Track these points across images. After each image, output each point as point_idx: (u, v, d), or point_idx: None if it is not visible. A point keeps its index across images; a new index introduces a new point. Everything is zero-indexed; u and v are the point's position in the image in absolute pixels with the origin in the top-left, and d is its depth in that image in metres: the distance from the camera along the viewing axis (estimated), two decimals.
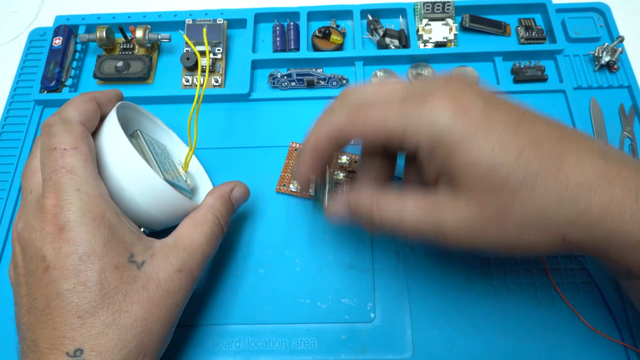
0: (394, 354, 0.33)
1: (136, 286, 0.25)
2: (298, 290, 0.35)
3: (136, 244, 0.27)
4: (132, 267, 0.26)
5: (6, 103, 0.45)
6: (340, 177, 0.38)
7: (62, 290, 0.24)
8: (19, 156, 0.42)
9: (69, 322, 0.24)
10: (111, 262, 0.25)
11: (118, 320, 0.25)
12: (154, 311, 0.26)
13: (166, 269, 0.27)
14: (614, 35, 0.45)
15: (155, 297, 0.26)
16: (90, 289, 0.24)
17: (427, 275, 0.36)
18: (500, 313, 0.34)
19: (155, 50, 0.47)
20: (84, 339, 0.24)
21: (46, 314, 0.24)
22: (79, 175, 0.25)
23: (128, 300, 0.25)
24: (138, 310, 0.25)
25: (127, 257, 0.26)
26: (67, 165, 0.25)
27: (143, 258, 0.26)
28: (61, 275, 0.24)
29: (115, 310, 0.25)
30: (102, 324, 0.24)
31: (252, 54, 0.45)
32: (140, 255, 0.26)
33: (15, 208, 0.40)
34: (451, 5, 0.46)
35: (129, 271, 0.26)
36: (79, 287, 0.24)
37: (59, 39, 0.45)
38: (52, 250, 0.24)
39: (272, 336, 0.34)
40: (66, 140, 0.26)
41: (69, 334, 0.24)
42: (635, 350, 0.32)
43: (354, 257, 0.36)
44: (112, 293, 0.25)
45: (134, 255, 0.26)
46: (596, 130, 0.41)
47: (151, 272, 0.26)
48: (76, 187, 0.25)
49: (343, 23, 0.48)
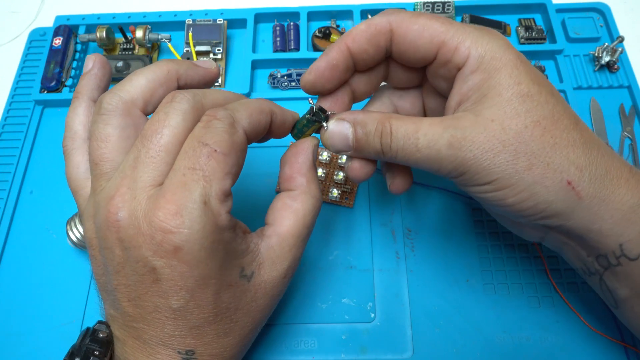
0: (394, 354, 0.33)
1: (246, 299, 0.25)
2: (298, 290, 0.35)
3: (245, 254, 0.25)
4: (243, 282, 0.25)
5: (6, 103, 0.45)
6: (320, 173, 0.38)
7: (174, 306, 0.23)
8: (19, 156, 0.42)
9: (180, 330, 0.23)
10: (225, 282, 0.24)
11: (229, 330, 0.25)
12: (258, 317, 0.26)
13: (273, 276, 0.26)
14: (614, 35, 0.45)
15: (262, 304, 0.26)
16: (204, 308, 0.23)
17: (427, 275, 0.36)
18: (500, 313, 0.34)
19: (155, 50, 0.47)
20: (196, 344, 0.24)
21: (154, 318, 0.23)
22: (212, 185, 0.22)
23: (239, 313, 0.25)
24: (247, 319, 0.26)
25: (239, 273, 0.25)
26: (207, 170, 0.22)
27: (252, 269, 0.25)
28: (174, 293, 0.22)
29: (227, 322, 0.25)
30: (215, 333, 0.24)
31: (252, 54, 0.45)
32: (249, 267, 0.25)
33: (16, 208, 0.40)
34: (451, 5, 0.46)
35: (240, 287, 0.25)
36: (192, 307, 0.23)
37: (59, 39, 0.45)
38: (164, 266, 0.22)
39: (272, 336, 0.34)
40: (221, 142, 0.22)
41: (180, 339, 0.24)
42: (635, 350, 0.32)
43: (354, 257, 0.36)
44: (225, 310, 0.24)
45: (244, 269, 0.25)
46: (596, 130, 0.41)
47: (260, 282, 0.26)
48: (204, 199, 0.22)
49: (343, 23, 0.48)
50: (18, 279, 0.37)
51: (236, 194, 0.39)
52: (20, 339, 0.35)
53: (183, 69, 0.27)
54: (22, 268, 0.38)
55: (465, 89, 0.25)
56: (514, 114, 0.24)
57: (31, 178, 0.41)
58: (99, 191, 0.24)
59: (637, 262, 0.25)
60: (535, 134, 0.24)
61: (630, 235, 0.24)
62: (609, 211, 0.24)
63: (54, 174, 0.41)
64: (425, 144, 0.24)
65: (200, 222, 0.21)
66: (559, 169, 0.24)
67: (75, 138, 0.26)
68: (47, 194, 0.41)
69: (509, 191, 0.24)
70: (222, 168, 0.22)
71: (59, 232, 0.39)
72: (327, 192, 0.38)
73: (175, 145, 0.23)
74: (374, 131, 0.26)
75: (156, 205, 0.21)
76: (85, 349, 0.24)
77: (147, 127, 0.23)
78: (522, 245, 0.36)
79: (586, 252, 0.27)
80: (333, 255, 0.36)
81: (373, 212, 0.38)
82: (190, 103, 0.23)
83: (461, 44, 0.25)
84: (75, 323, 0.35)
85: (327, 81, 0.27)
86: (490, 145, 0.24)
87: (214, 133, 0.22)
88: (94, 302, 0.36)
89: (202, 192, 0.22)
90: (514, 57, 0.25)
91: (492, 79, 0.24)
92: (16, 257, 0.38)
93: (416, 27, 0.25)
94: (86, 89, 0.27)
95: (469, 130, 0.24)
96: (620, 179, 0.24)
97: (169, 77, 0.26)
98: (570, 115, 0.25)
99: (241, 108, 0.25)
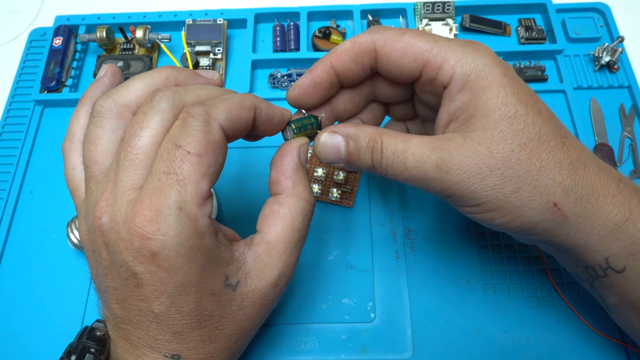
0: (394, 354, 0.33)
1: (232, 308, 0.25)
2: (298, 290, 0.35)
3: (230, 262, 0.24)
4: (227, 290, 0.24)
5: (6, 103, 0.45)
6: (320, 173, 0.38)
7: (156, 310, 0.23)
8: (19, 156, 0.42)
9: (163, 335, 0.23)
10: (207, 290, 0.23)
11: (214, 337, 0.25)
12: (246, 325, 0.26)
13: (261, 285, 0.25)
14: (614, 35, 0.45)
15: (250, 313, 0.25)
16: (186, 315, 0.23)
17: (427, 275, 0.36)
18: (500, 313, 0.34)
19: (155, 50, 0.47)
20: (182, 349, 0.24)
21: (139, 321, 0.23)
22: (187, 189, 0.21)
23: (224, 321, 0.25)
24: (233, 327, 0.25)
25: (223, 282, 0.24)
26: (181, 174, 0.21)
27: (237, 278, 0.24)
28: (155, 298, 0.22)
29: (212, 329, 0.24)
30: (200, 339, 0.24)
31: (252, 54, 0.45)
32: (234, 276, 0.24)
33: (16, 208, 0.40)
34: (451, 6, 0.46)
35: (224, 295, 0.24)
36: (173, 313, 0.23)
37: (59, 39, 0.45)
38: (144, 271, 0.22)
39: (272, 336, 0.34)
40: (195, 143, 0.22)
41: (165, 343, 0.23)
42: (635, 350, 0.32)
43: (354, 257, 0.36)
44: (208, 317, 0.24)
45: (229, 278, 0.24)
46: (596, 130, 0.41)
47: (246, 291, 0.25)
48: (179, 205, 0.21)
49: (343, 23, 0.48)
50: (18, 279, 0.37)
51: (233, 195, 0.39)
52: (20, 339, 0.35)
53: (183, 77, 0.26)
54: (22, 268, 0.38)
55: (453, 109, 0.25)
56: (501, 137, 0.24)
57: (31, 178, 0.41)
58: (89, 194, 0.24)
59: (624, 274, 0.25)
60: (522, 158, 0.24)
61: (615, 250, 0.25)
62: (595, 228, 0.24)
63: (54, 174, 0.41)
64: (413, 164, 0.25)
65: (175, 229, 0.21)
66: (545, 192, 0.24)
67: (73, 140, 0.26)
68: (47, 194, 0.41)
69: (496, 213, 0.25)
70: (197, 170, 0.22)
71: (59, 232, 0.39)
72: (327, 192, 0.38)
73: (153, 147, 0.22)
74: (365, 146, 0.26)
75: (134, 210, 0.21)
76: (82, 346, 0.24)
77: (127, 130, 0.23)
78: (522, 245, 0.36)
79: (574, 263, 0.27)
80: (333, 255, 0.36)
81: (373, 212, 0.38)
82: (169, 102, 0.23)
83: (445, 62, 0.25)
84: (75, 323, 0.35)
85: (311, 98, 0.28)
86: (477, 169, 0.24)
87: (188, 133, 0.22)
88: (94, 302, 0.36)
89: (177, 198, 0.21)
90: (500, 74, 0.24)
91: (479, 99, 0.24)
92: (16, 257, 0.38)
93: (400, 46, 0.25)
94: (91, 95, 0.27)
95: (456, 153, 0.24)
96: (606, 196, 0.25)
97: (167, 83, 0.26)
98: (557, 134, 0.25)
99: (219, 104, 0.24)
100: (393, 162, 0.25)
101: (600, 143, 0.40)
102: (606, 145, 0.40)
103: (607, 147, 0.40)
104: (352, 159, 0.27)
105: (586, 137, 0.41)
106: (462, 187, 0.24)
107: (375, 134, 0.26)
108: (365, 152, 0.26)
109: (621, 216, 0.24)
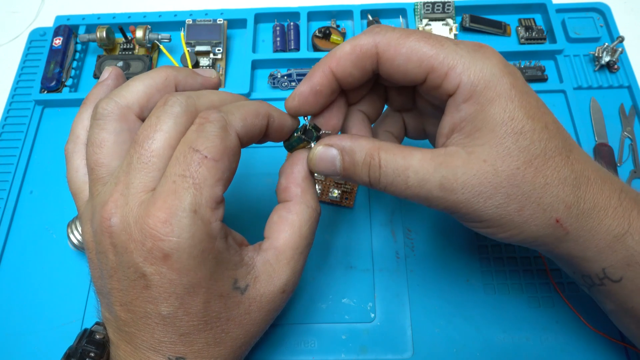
0: (394, 354, 0.33)
1: (239, 311, 0.25)
2: (298, 290, 0.35)
3: (239, 266, 0.25)
4: (236, 293, 0.24)
5: (6, 103, 0.45)
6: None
7: (163, 312, 0.23)
8: (19, 156, 0.42)
9: (169, 337, 0.23)
10: (216, 292, 0.24)
11: (220, 340, 0.25)
12: (252, 330, 0.26)
13: (269, 290, 0.26)
14: (614, 35, 0.45)
15: (256, 318, 0.26)
16: (193, 316, 0.23)
17: (427, 275, 0.36)
18: (500, 313, 0.34)
19: (155, 50, 0.47)
20: (186, 351, 0.24)
21: (144, 324, 0.23)
22: (202, 193, 0.22)
23: (230, 324, 0.25)
24: (239, 331, 0.25)
25: (232, 284, 0.24)
26: (197, 177, 0.22)
27: (246, 282, 0.25)
28: (164, 300, 0.22)
29: (218, 332, 0.24)
30: (205, 342, 0.24)
31: (252, 54, 0.45)
32: (243, 279, 0.25)
33: (16, 208, 0.40)
34: (451, 5, 0.46)
35: (233, 298, 0.24)
36: (181, 315, 0.23)
37: (59, 39, 0.45)
38: (154, 272, 0.22)
39: (272, 336, 0.34)
40: (212, 148, 0.22)
41: (170, 345, 0.23)
42: (635, 350, 0.32)
43: (354, 257, 0.36)
44: (215, 319, 0.24)
45: (238, 281, 0.24)
46: (596, 130, 0.41)
47: (255, 295, 0.25)
48: (194, 207, 0.21)
49: (343, 23, 0.48)
50: (18, 279, 0.37)
51: (236, 195, 0.39)
52: (20, 339, 0.35)
53: (182, 76, 0.26)
54: (22, 268, 0.38)
55: (458, 119, 0.24)
56: (507, 154, 0.23)
57: (31, 178, 0.41)
58: (95, 196, 0.24)
59: (620, 283, 0.25)
60: (527, 176, 0.23)
61: (613, 261, 0.25)
62: (594, 241, 0.24)
63: (54, 174, 0.41)
64: (416, 182, 0.24)
65: (189, 231, 0.21)
66: (549, 209, 0.24)
67: (76, 142, 0.26)
68: (47, 194, 0.41)
69: (498, 229, 0.25)
70: (213, 175, 0.22)
71: (59, 233, 0.39)
72: (327, 192, 0.38)
73: (167, 150, 0.23)
74: (362, 162, 0.25)
75: (147, 212, 0.21)
76: (81, 350, 0.25)
77: (140, 132, 0.23)
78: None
79: (572, 270, 0.27)
80: (333, 255, 0.36)
81: (373, 212, 0.38)
82: (182, 106, 0.23)
83: (452, 70, 0.24)
84: (75, 323, 0.35)
85: (312, 106, 0.27)
86: (482, 188, 0.23)
87: (205, 138, 0.22)
88: (94, 302, 0.36)
89: (192, 201, 0.21)
90: (509, 86, 0.24)
91: (485, 111, 0.23)
92: (16, 257, 0.38)
93: (404, 51, 0.24)
94: (94, 97, 0.27)
95: (460, 171, 0.23)
96: (607, 210, 0.24)
97: (167, 83, 0.26)
98: (563, 148, 0.24)
99: (236, 111, 0.24)
100: (393, 180, 0.24)
101: (600, 143, 0.40)
102: (606, 145, 0.40)
103: (607, 147, 0.40)
104: (348, 173, 0.26)
105: (586, 137, 0.41)
106: (466, 205, 0.24)
107: (373, 149, 0.25)
108: (362, 168, 0.25)
109: (620, 229, 0.24)
